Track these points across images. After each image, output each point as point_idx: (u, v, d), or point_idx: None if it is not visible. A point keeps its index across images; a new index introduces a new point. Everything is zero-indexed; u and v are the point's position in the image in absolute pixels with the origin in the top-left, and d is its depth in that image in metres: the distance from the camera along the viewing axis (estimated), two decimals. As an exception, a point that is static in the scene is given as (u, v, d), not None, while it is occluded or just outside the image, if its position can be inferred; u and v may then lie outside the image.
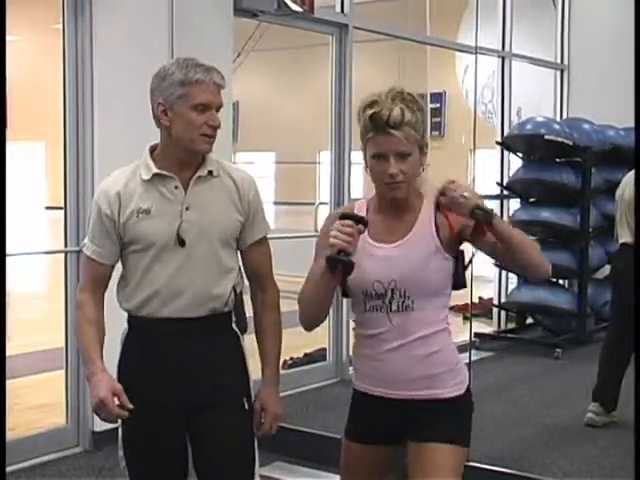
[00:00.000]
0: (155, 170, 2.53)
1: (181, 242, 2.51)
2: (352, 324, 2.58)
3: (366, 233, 2.42)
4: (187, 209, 2.53)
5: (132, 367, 2.59)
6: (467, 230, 2.41)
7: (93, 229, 2.59)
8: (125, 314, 2.62)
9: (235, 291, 2.61)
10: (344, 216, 2.36)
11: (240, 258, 2.66)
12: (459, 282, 2.47)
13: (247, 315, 2.69)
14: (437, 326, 2.46)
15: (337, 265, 2.31)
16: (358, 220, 2.34)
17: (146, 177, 2.53)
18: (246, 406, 2.61)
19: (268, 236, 2.69)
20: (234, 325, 2.64)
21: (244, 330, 2.68)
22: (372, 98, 2.41)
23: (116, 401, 2.44)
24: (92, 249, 2.58)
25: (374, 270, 2.43)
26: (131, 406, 2.45)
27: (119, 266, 2.62)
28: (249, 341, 2.69)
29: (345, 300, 6.91)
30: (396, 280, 2.41)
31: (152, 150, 2.59)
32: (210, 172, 2.56)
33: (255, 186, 2.64)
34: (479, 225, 2.33)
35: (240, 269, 2.65)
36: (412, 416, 2.45)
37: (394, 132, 2.35)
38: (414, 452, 2.45)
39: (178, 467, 2.63)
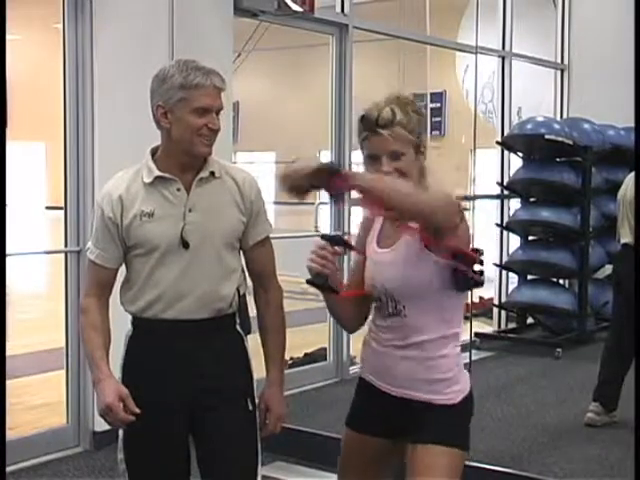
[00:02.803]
0: (157, 173, 2.52)
1: (185, 244, 2.51)
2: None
3: (375, 237, 2.49)
4: (190, 211, 2.52)
5: (136, 367, 2.59)
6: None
7: (96, 233, 2.58)
8: (129, 315, 2.61)
9: (239, 292, 2.60)
10: (323, 237, 2.40)
11: (243, 258, 2.65)
12: (460, 284, 2.38)
13: (251, 316, 2.69)
14: (434, 333, 2.40)
15: (316, 287, 2.36)
16: (337, 242, 2.37)
17: (148, 180, 2.52)
18: (249, 407, 2.61)
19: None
20: (238, 326, 2.64)
21: (248, 331, 2.68)
22: (371, 104, 2.42)
23: (122, 406, 2.44)
24: (96, 253, 2.57)
25: (370, 275, 2.49)
26: (137, 410, 2.45)
27: (122, 269, 2.61)
28: (252, 340, 2.68)
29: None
30: (385, 285, 2.43)
31: (153, 152, 2.58)
32: (212, 173, 2.55)
33: (257, 186, 2.63)
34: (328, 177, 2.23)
35: (243, 270, 2.65)
36: (409, 417, 2.45)
37: (383, 132, 2.35)
38: (409, 454, 2.45)
39: (180, 468, 2.62)
